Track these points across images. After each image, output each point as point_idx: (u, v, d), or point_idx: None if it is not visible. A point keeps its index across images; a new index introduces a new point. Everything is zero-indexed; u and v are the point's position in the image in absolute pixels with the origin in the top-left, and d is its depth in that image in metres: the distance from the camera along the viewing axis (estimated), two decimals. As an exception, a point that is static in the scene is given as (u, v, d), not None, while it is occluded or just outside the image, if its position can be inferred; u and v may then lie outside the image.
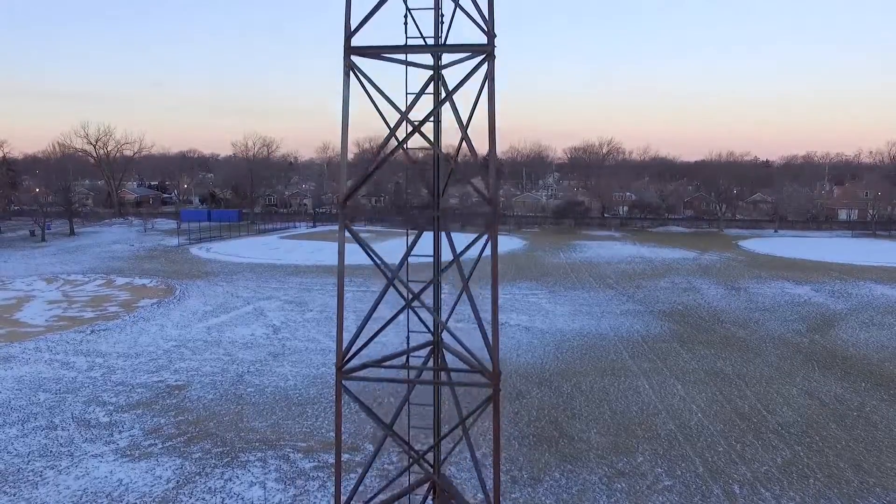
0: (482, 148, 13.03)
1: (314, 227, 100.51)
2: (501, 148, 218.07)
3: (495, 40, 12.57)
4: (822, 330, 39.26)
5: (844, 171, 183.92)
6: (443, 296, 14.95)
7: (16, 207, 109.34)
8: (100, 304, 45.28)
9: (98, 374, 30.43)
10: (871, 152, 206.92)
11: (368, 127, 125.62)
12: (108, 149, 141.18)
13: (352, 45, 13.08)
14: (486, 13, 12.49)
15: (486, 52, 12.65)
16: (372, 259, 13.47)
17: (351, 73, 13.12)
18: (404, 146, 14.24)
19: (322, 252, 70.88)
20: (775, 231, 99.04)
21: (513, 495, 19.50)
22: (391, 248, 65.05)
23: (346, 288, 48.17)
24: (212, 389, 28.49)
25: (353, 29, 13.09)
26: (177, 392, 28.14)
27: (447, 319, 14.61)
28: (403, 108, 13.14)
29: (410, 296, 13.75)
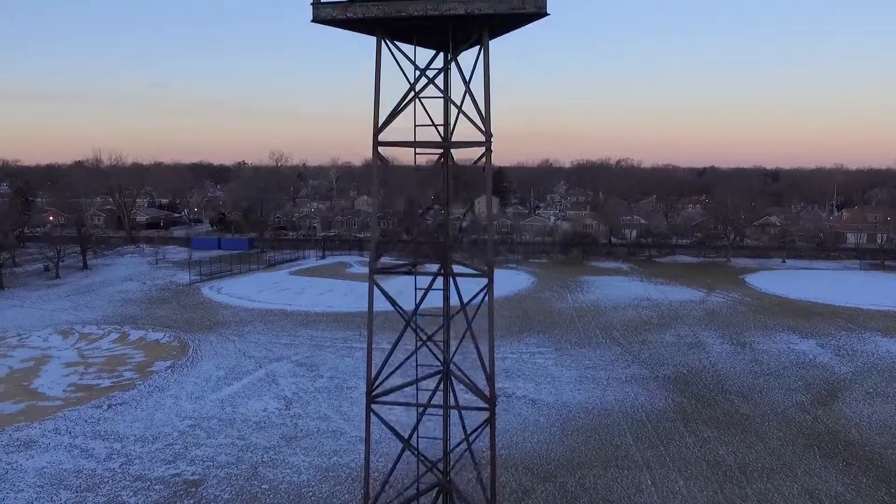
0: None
1: (324, 257, 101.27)
2: (509, 163, 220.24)
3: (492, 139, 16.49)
4: (825, 403, 39.76)
5: (854, 185, 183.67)
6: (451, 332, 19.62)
7: (29, 231, 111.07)
8: (115, 368, 46.33)
9: (116, 466, 31.39)
10: (879, 168, 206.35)
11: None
12: (119, 168, 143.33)
13: (378, 140, 16.98)
14: (484, 114, 16.18)
15: (484, 147, 16.55)
16: (395, 307, 18.11)
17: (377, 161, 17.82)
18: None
19: (332, 294, 71.72)
20: (783, 261, 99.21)
21: None
22: (401, 286, 65.80)
23: (356, 344, 49.41)
24: (227, 486, 29.37)
25: (379, 126, 16.77)
26: (193, 490, 29.03)
27: (453, 355, 19.60)
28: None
29: (423, 335, 18.51)
